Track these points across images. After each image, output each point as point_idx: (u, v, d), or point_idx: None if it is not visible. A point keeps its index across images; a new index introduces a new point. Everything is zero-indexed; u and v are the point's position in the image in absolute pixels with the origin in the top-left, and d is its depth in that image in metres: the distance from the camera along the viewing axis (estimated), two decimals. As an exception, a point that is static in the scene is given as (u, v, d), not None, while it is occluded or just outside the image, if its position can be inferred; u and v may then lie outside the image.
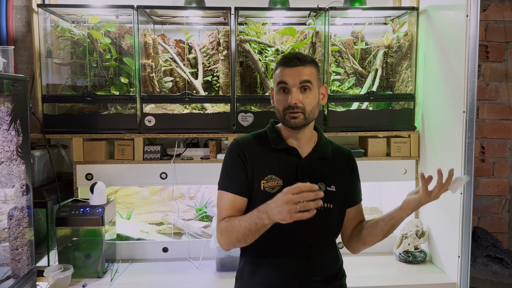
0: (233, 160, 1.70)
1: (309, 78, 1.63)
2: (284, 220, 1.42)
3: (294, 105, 1.61)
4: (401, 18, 2.69)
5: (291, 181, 1.61)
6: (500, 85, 2.91)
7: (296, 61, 1.64)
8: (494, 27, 2.89)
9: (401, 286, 2.26)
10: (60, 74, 2.65)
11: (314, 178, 1.67)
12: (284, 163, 1.69)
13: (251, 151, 1.70)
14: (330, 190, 1.69)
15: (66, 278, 2.18)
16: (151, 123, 2.48)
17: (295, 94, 1.62)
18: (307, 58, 1.67)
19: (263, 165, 1.68)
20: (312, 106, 1.65)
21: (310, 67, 1.65)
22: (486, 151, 2.95)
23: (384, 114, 2.60)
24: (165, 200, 2.91)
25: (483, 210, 2.99)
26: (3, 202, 2.01)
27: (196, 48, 2.66)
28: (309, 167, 1.69)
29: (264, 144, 1.73)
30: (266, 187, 1.65)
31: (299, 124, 1.64)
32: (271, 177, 1.67)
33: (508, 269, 2.43)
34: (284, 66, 1.65)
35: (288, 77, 1.63)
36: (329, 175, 1.72)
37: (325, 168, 1.73)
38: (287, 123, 1.66)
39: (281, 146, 1.71)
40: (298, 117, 1.63)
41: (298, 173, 1.67)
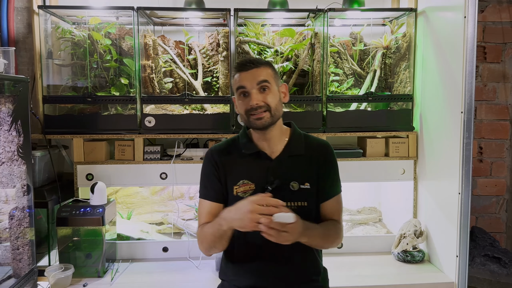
0: (207, 170, 1.78)
1: (265, 77, 1.66)
2: (243, 228, 1.48)
3: (256, 106, 1.64)
4: (400, 19, 2.69)
5: (262, 184, 1.69)
6: (498, 85, 2.92)
7: (250, 64, 1.67)
8: (491, 28, 2.89)
9: (399, 285, 2.26)
10: (61, 75, 2.65)
11: (285, 178, 1.70)
12: (254, 167, 1.73)
13: (224, 158, 1.76)
14: (304, 187, 1.71)
15: (66, 278, 2.18)
16: (151, 124, 2.48)
17: (254, 95, 1.65)
18: (261, 60, 1.71)
19: (235, 171, 1.73)
20: (275, 103, 1.67)
21: (265, 68, 1.68)
22: (484, 151, 2.96)
23: (383, 114, 2.60)
24: (165, 200, 2.91)
25: (481, 210, 2.99)
26: (4, 202, 2.01)
27: (196, 49, 2.66)
28: (279, 168, 1.71)
29: (236, 150, 1.78)
30: (239, 192, 1.70)
31: (265, 123, 1.66)
32: (244, 181, 1.71)
33: (505, 269, 2.44)
34: (239, 71, 1.68)
35: (245, 80, 1.66)
36: (302, 172, 1.73)
37: (298, 165, 1.74)
38: (253, 125, 1.69)
39: (250, 150, 1.74)
40: (263, 116, 1.65)
41: (269, 175, 1.69)
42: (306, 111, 2.59)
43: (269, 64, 1.72)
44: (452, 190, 2.21)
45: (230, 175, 1.73)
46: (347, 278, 2.27)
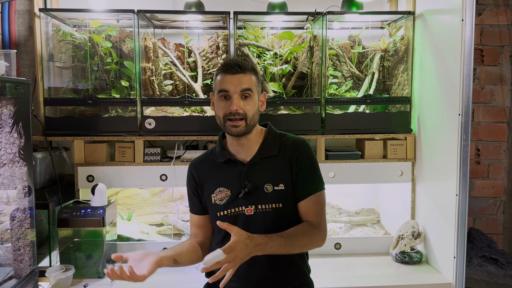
0: (188, 185, 1.86)
1: (249, 86, 1.66)
2: None
3: (235, 112, 1.63)
4: (398, 22, 2.70)
5: (237, 189, 1.70)
6: (495, 88, 2.92)
7: (237, 69, 1.65)
8: (489, 31, 2.90)
9: (397, 286, 2.26)
10: (62, 78, 2.66)
11: (259, 181, 1.70)
12: (229, 173, 1.74)
13: (201, 170, 1.80)
14: (278, 189, 1.69)
15: (67, 278, 2.18)
16: (151, 126, 2.49)
17: (236, 101, 1.64)
18: (247, 66, 1.69)
19: (212, 180, 1.76)
20: (253, 112, 1.67)
21: (251, 75, 1.68)
22: (481, 153, 2.96)
23: (381, 117, 2.60)
24: (165, 201, 2.91)
25: (478, 212, 2.99)
26: (5, 204, 2.02)
27: (196, 51, 2.67)
28: (252, 171, 1.71)
29: (213, 159, 1.80)
30: (216, 200, 1.73)
31: (240, 132, 1.66)
32: (220, 189, 1.73)
33: (503, 270, 2.44)
34: (225, 73, 1.67)
35: (230, 84, 1.65)
36: (276, 174, 1.71)
37: (271, 167, 1.72)
38: (228, 131, 1.69)
39: (224, 158, 1.75)
40: (239, 125, 1.65)
41: (242, 180, 1.70)
42: (305, 113, 2.59)
43: (254, 70, 1.72)
44: (450, 192, 2.21)
45: (207, 185, 1.76)
46: (345, 278, 2.27)
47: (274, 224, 1.66)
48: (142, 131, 2.49)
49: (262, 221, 1.66)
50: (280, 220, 1.68)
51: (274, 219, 1.67)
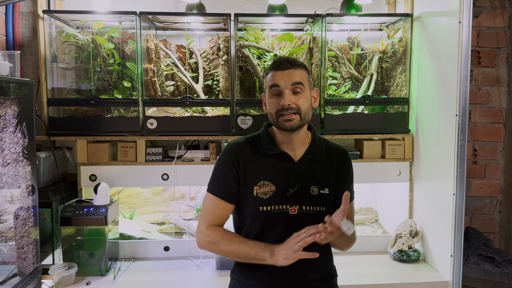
0: (225, 166, 1.67)
1: (300, 80, 1.61)
2: (285, 263, 1.51)
3: (288, 106, 1.58)
4: (396, 25, 2.70)
5: (283, 186, 1.63)
6: (492, 89, 2.92)
7: (287, 64, 1.61)
8: (486, 33, 2.90)
9: (395, 284, 2.27)
10: (65, 78, 2.66)
11: (306, 182, 1.65)
12: (276, 168, 1.66)
13: (245, 157, 1.67)
14: (323, 193, 1.66)
15: (70, 276, 2.19)
16: (153, 126, 2.49)
17: (287, 95, 1.59)
18: (297, 61, 1.65)
19: (256, 170, 1.65)
20: (306, 107, 1.62)
21: (301, 70, 1.63)
22: (478, 153, 2.96)
23: (379, 117, 2.60)
24: (167, 200, 2.91)
25: (475, 211, 2.99)
26: (9, 202, 2.02)
27: (197, 53, 2.67)
28: (301, 171, 1.66)
29: (257, 149, 1.70)
30: (259, 193, 1.63)
31: (294, 126, 1.60)
32: (264, 182, 1.64)
33: (499, 268, 2.44)
34: (275, 69, 1.63)
35: (280, 79, 1.60)
36: (322, 178, 1.68)
37: (318, 170, 1.69)
38: (281, 126, 1.62)
39: (274, 151, 1.67)
40: (293, 119, 1.59)
41: (291, 178, 1.64)
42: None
43: (305, 66, 1.67)
44: (447, 191, 2.21)
45: (249, 175, 1.65)
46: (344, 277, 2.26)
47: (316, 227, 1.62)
48: (144, 131, 2.49)
49: (304, 222, 1.59)
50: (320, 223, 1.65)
51: (315, 222, 1.58)
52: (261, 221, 1.64)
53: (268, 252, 1.53)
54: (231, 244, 1.60)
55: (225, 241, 1.61)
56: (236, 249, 1.59)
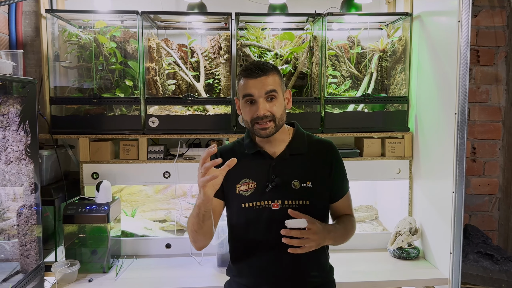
0: None
1: (273, 87, 1.61)
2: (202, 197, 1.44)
3: (263, 115, 1.60)
4: (396, 24, 2.69)
5: (264, 183, 1.67)
6: (491, 88, 2.91)
7: (259, 72, 1.61)
8: (485, 32, 2.89)
9: (395, 281, 2.26)
10: (67, 77, 2.65)
11: (287, 177, 1.67)
12: (257, 166, 1.70)
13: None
14: (306, 186, 1.67)
15: (72, 273, 2.18)
16: (155, 124, 2.48)
17: (262, 104, 1.60)
18: (268, 66, 1.64)
19: (238, 170, 1.64)
20: (280, 113, 1.64)
21: (273, 75, 1.63)
22: (477, 151, 2.95)
23: (379, 115, 2.60)
24: (168, 198, 2.91)
25: (474, 208, 2.99)
26: (12, 200, 2.01)
27: (198, 52, 2.66)
28: (280, 167, 1.68)
29: (240, 150, 1.75)
30: (241, 191, 1.68)
31: (269, 134, 1.63)
32: (246, 180, 1.69)
33: (498, 265, 2.43)
34: (247, 77, 1.62)
35: (253, 88, 1.61)
36: (304, 171, 1.69)
37: (299, 164, 1.70)
38: (257, 134, 1.66)
39: (253, 150, 1.72)
40: (268, 127, 1.62)
41: (270, 174, 1.67)
42: (305, 112, 2.59)
43: (276, 69, 1.67)
44: (446, 189, 2.21)
45: (232, 174, 1.65)
46: (344, 274, 2.26)
47: None
48: (146, 129, 2.49)
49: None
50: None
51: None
52: (245, 217, 1.68)
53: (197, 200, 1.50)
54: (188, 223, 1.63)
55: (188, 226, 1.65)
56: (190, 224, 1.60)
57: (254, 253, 1.68)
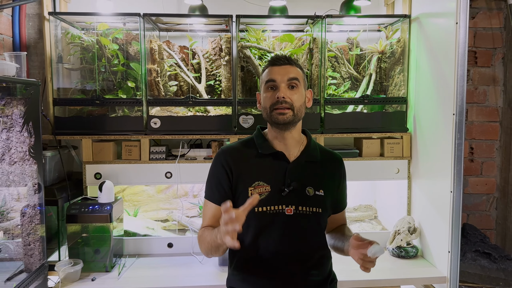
0: (216, 171, 1.65)
1: (296, 76, 1.60)
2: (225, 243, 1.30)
3: (283, 100, 1.56)
4: (394, 25, 2.69)
5: (279, 186, 1.58)
6: (488, 89, 2.91)
7: (285, 60, 1.61)
8: (482, 33, 2.89)
9: (394, 279, 2.26)
10: (70, 79, 2.66)
11: (302, 183, 1.61)
12: (271, 168, 1.62)
13: (238, 159, 1.64)
14: (319, 194, 1.63)
15: (76, 272, 2.18)
16: (157, 125, 2.48)
17: (283, 89, 1.58)
18: (294, 60, 1.65)
19: (250, 172, 1.61)
20: (300, 103, 1.60)
21: (297, 69, 1.63)
22: (475, 151, 2.95)
23: (378, 116, 2.60)
24: (170, 198, 2.91)
25: (472, 208, 2.99)
26: (16, 200, 2.01)
27: (199, 53, 2.66)
28: (297, 171, 1.62)
29: (251, 151, 1.66)
30: (254, 194, 1.54)
31: (287, 120, 1.57)
32: (259, 183, 1.59)
33: (495, 264, 2.43)
34: (272, 65, 1.62)
35: (277, 74, 1.59)
36: (317, 179, 1.65)
37: (314, 171, 1.66)
38: (274, 119, 1.58)
39: (268, 151, 1.64)
40: (286, 113, 1.56)
41: (286, 177, 1.60)
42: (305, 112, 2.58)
43: (301, 67, 1.66)
44: (445, 189, 2.21)
45: (243, 176, 1.61)
46: (344, 272, 2.26)
47: (310, 227, 1.61)
48: (148, 130, 2.49)
49: (300, 223, 1.57)
50: (317, 225, 1.61)
51: (311, 223, 1.60)
52: (258, 223, 1.57)
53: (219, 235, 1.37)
54: (203, 240, 1.57)
55: (201, 239, 1.60)
56: (205, 243, 1.55)
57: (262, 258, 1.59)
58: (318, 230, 1.65)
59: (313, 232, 1.62)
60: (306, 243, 1.61)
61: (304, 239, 1.61)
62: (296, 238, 1.59)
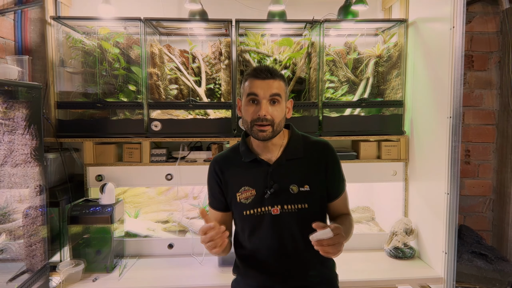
0: (210, 180, 1.76)
1: (279, 91, 1.60)
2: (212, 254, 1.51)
3: (264, 117, 1.57)
4: (391, 30, 2.70)
5: (262, 189, 1.65)
6: (484, 92, 2.92)
7: (267, 74, 1.59)
8: (478, 38, 2.90)
9: (391, 280, 2.27)
10: (72, 82, 2.66)
11: (284, 182, 1.65)
12: (254, 173, 1.68)
13: (227, 167, 1.72)
14: (304, 190, 1.65)
15: (77, 273, 2.19)
16: (157, 128, 2.49)
17: (265, 106, 1.58)
18: (277, 72, 1.63)
19: (237, 178, 1.69)
20: (280, 118, 1.62)
21: (280, 81, 1.62)
22: (471, 154, 2.96)
23: (375, 119, 2.60)
24: (170, 199, 2.91)
25: (468, 209, 2.99)
26: (19, 202, 2.02)
27: (199, 57, 2.67)
28: (278, 172, 1.66)
29: (237, 158, 1.73)
30: (242, 199, 1.67)
31: (266, 137, 1.61)
32: (245, 188, 1.67)
33: (491, 265, 2.44)
34: (254, 78, 1.60)
35: (259, 89, 1.58)
36: (301, 176, 1.67)
37: (297, 168, 1.68)
38: (255, 136, 1.63)
39: (249, 158, 1.69)
40: (266, 130, 1.59)
41: (268, 180, 1.65)
42: (303, 116, 2.59)
43: (283, 77, 1.65)
44: (441, 191, 2.21)
45: (232, 183, 1.69)
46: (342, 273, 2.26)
47: (299, 224, 1.64)
48: (149, 133, 2.49)
49: (288, 221, 1.63)
50: (305, 220, 1.61)
51: (299, 219, 1.63)
52: (248, 224, 1.68)
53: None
54: None
55: None
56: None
57: (258, 256, 1.68)
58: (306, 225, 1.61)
59: (301, 228, 1.64)
60: (297, 239, 1.65)
61: (294, 236, 1.65)
62: (285, 235, 1.65)
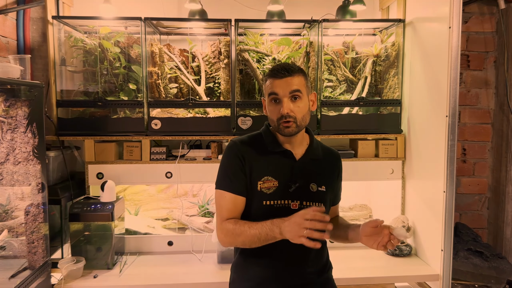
0: (232, 161, 1.67)
1: (298, 87, 1.60)
2: (292, 240, 1.41)
3: (287, 115, 1.59)
4: (389, 30, 2.70)
5: (286, 182, 1.64)
6: (480, 91, 2.92)
7: (285, 72, 1.60)
8: (475, 37, 2.90)
9: (389, 277, 2.27)
10: (73, 81, 2.66)
11: (307, 179, 1.67)
12: (279, 165, 1.67)
13: (249, 152, 1.67)
14: (321, 190, 1.68)
15: (78, 270, 2.19)
16: (158, 126, 2.49)
17: (286, 103, 1.59)
18: (294, 68, 1.63)
19: (259, 166, 1.65)
20: (303, 114, 1.63)
21: (299, 77, 1.62)
22: (467, 152, 2.96)
23: (373, 118, 2.61)
24: (170, 197, 2.92)
25: (464, 207, 3.00)
26: (20, 199, 2.02)
27: (199, 56, 2.67)
28: (302, 169, 1.68)
29: (260, 146, 1.70)
30: (263, 188, 1.63)
31: (292, 132, 1.62)
32: (267, 178, 1.64)
33: (487, 262, 2.44)
34: (273, 77, 1.62)
35: (278, 88, 1.60)
36: (320, 176, 1.71)
37: (316, 169, 1.72)
38: (281, 132, 1.64)
39: (277, 149, 1.69)
40: (290, 126, 1.60)
41: (292, 174, 1.66)
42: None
43: (302, 71, 1.65)
44: (438, 189, 2.22)
45: (254, 170, 1.64)
46: (340, 270, 2.27)
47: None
48: (149, 131, 2.49)
49: None
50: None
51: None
52: (264, 215, 1.60)
53: (278, 230, 1.47)
54: (243, 232, 1.56)
55: (237, 231, 1.58)
56: (248, 235, 1.55)
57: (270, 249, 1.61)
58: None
59: None
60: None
61: None
62: None
